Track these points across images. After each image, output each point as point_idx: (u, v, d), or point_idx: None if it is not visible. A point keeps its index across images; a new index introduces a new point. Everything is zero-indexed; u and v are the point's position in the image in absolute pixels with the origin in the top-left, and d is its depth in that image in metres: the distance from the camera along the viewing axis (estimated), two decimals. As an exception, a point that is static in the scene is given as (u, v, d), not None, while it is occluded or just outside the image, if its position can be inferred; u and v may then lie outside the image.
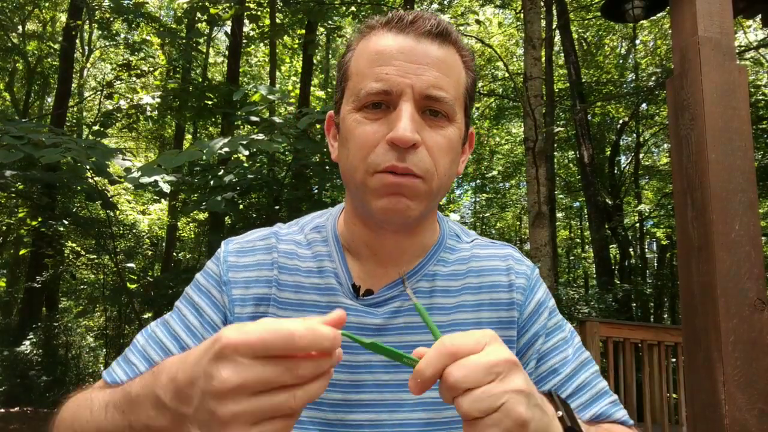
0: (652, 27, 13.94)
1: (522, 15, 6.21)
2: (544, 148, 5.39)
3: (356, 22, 11.20)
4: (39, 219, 8.72)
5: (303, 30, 10.43)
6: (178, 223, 14.07)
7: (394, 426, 0.77)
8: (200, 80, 12.03)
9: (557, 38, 12.96)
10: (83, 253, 11.10)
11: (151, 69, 11.92)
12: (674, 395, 5.09)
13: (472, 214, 20.05)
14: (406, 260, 0.84)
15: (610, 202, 12.69)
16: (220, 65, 16.89)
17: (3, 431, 7.76)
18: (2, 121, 4.92)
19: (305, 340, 0.47)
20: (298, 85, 12.73)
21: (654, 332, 4.81)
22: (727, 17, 2.13)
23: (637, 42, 15.25)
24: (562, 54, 13.01)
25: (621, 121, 14.70)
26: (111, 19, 10.77)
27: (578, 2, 12.95)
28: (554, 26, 11.40)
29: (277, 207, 6.36)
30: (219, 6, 8.24)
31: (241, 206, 6.68)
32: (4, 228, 12.20)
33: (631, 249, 14.93)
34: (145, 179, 4.33)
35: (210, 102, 8.50)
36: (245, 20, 9.77)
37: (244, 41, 11.16)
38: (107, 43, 15.03)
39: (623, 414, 0.83)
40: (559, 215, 17.95)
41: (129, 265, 10.18)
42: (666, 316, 14.98)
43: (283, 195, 6.31)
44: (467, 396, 0.51)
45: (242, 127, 10.16)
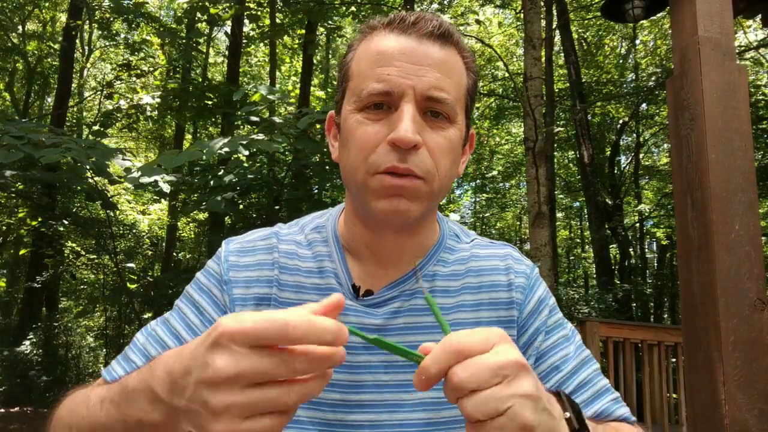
0: (652, 27, 13.94)
1: (522, 15, 6.20)
2: (544, 148, 5.39)
3: (356, 22, 11.20)
4: (39, 219, 8.71)
5: (303, 30, 10.43)
6: (178, 223, 14.07)
7: (394, 426, 0.77)
8: (200, 80, 12.03)
9: (557, 38, 12.95)
10: (83, 253, 11.10)
11: (151, 69, 11.92)
12: (674, 395, 5.09)
13: (472, 214, 20.05)
14: (406, 260, 0.84)
15: (610, 202, 12.68)
16: (220, 65, 16.89)
17: (3, 431, 7.76)
18: (2, 121, 4.92)
19: (299, 331, 0.45)
20: (298, 85, 12.72)
21: (654, 332, 4.81)
22: (727, 17, 2.13)
23: (637, 42, 15.24)
24: (562, 54, 13.00)
25: (621, 121, 14.70)
26: (111, 19, 10.76)
27: (578, 2, 12.95)
28: (554, 26, 11.39)
29: (277, 207, 6.36)
30: (219, 6, 8.24)
31: (241, 206, 6.68)
32: (4, 228, 12.20)
33: (631, 249, 14.93)
34: (145, 179, 4.33)
35: (210, 102, 8.51)
36: (245, 20, 9.77)
37: (244, 41, 11.15)
38: (107, 43, 15.03)
39: (625, 411, 0.82)
40: (559, 215, 17.94)
41: (129, 265, 10.18)
42: (666, 316, 14.98)
43: (283, 195, 6.31)
44: (472, 398, 0.50)
45: (242, 127, 10.15)
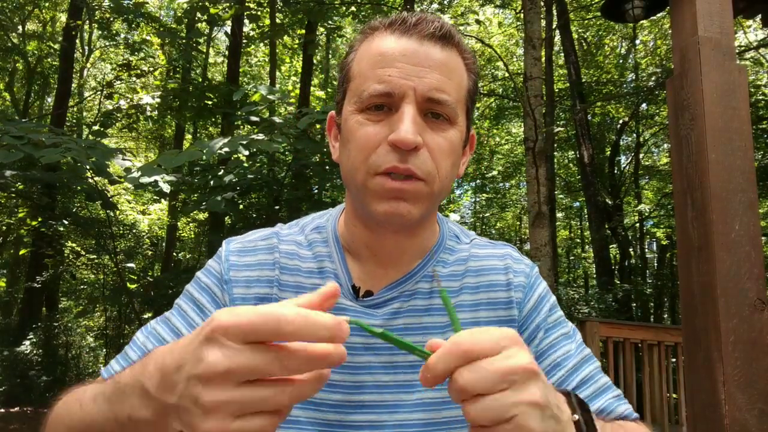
0: (652, 27, 13.93)
1: (522, 15, 6.20)
2: (544, 148, 5.39)
3: (356, 22, 11.21)
4: (39, 219, 8.71)
5: (303, 30, 10.43)
6: (178, 223, 14.06)
7: (394, 427, 0.77)
8: (200, 80, 12.02)
9: (557, 38, 12.95)
10: (83, 253, 11.09)
11: (151, 69, 11.91)
12: (674, 395, 5.09)
13: (472, 214, 20.05)
14: (406, 261, 0.84)
15: (610, 202, 12.68)
16: (220, 65, 16.88)
17: (3, 431, 7.76)
18: (2, 121, 4.92)
19: (292, 326, 0.44)
20: (298, 85, 12.72)
21: (654, 332, 4.82)
22: (727, 17, 2.13)
23: (637, 42, 15.24)
24: (562, 54, 13.00)
25: (621, 121, 14.69)
26: (111, 19, 10.76)
27: (578, 2, 12.94)
28: (554, 26, 11.39)
29: (277, 207, 6.36)
30: (219, 6, 8.24)
31: (241, 206, 6.68)
32: (4, 228, 12.20)
33: (631, 249, 14.92)
34: (145, 179, 4.33)
35: (210, 102, 8.50)
36: (245, 20, 9.77)
37: (244, 41, 11.15)
38: (107, 43, 15.03)
39: (626, 408, 0.82)
40: (559, 215, 17.94)
41: (129, 265, 10.17)
42: (666, 316, 14.98)
43: (283, 195, 6.31)
44: (476, 402, 0.48)
45: (242, 127, 10.15)
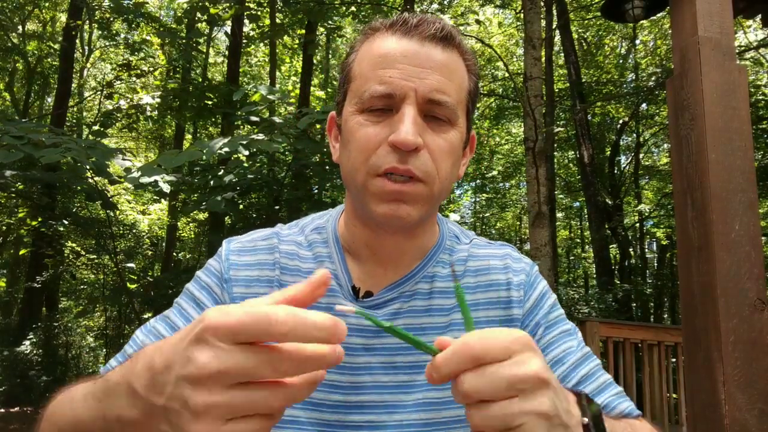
0: (652, 27, 13.93)
1: (522, 15, 6.20)
2: (544, 148, 5.39)
3: (356, 22, 11.20)
4: (39, 219, 8.71)
5: (303, 30, 10.43)
6: (178, 223, 14.06)
7: (394, 427, 0.77)
8: (200, 80, 12.02)
9: (557, 38, 12.95)
10: (83, 253, 11.09)
11: (151, 69, 11.91)
12: (674, 395, 5.09)
13: (472, 214, 20.05)
14: (406, 262, 0.84)
15: (610, 202, 12.68)
16: (220, 65, 16.88)
17: (3, 431, 7.77)
18: (2, 121, 4.92)
19: (284, 327, 0.42)
20: (298, 85, 12.72)
21: (654, 332, 4.81)
22: (727, 17, 2.12)
23: (637, 42, 15.24)
24: (562, 54, 13.00)
25: (621, 121, 14.69)
26: (111, 19, 10.76)
27: (578, 2, 12.94)
28: (554, 26, 11.38)
29: (277, 207, 6.36)
30: (219, 6, 8.24)
31: (241, 206, 6.68)
32: (4, 228, 12.20)
33: (631, 249, 14.92)
34: (145, 179, 4.34)
35: (210, 102, 8.50)
36: (245, 20, 9.77)
37: (244, 41, 11.15)
38: (107, 43, 15.03)
39: (628, 405, 0.80)
40: (559, 215, 17.94)
41: (129, 265, 10.17)
42: (666, 316, 14.97)
43: (283, 195, 6.30)
44: (481, 408, 0.46)
45: (242, 127, 10.15)
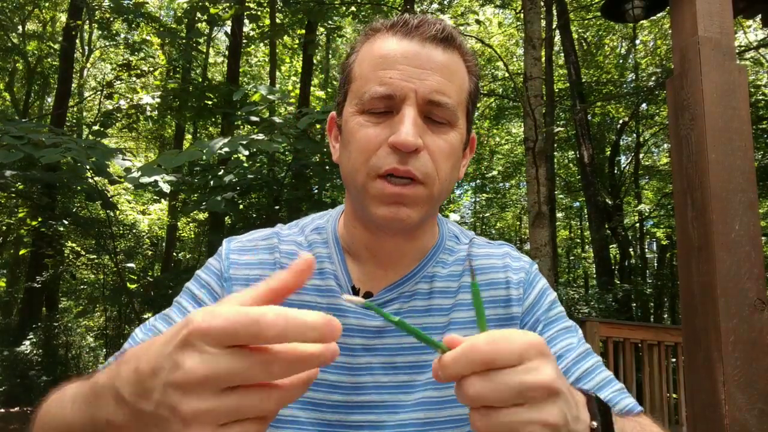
0: (652, 27, 13.93)
1: (522, 15, 6.20)
2: (544, 148, 5.38)
3: (356, 22, 11.20)
4: (39, 219, 8.71)
5: (303, 30, 10.43)
6: (178, 223, 14.07)
7: (394, 427, 0.77)
8: (200, 80, 12.02)
9: (557, 38, 12.94)
10: (83, 253, 11.09)
11: (151, 69, 11.91)
12: (674, 395, 5.09)
13: (472, 214, 20.05)
14: (406, 263, 0.84)
15: (610, 202, 12.68)
16: (220, 65, 16.88)
17: (3, 431, 7.76)
18: (2, 121, 4.92)
19: (274, 329, 0.40)
20: (298, 85, 12.71)
21: (654, 332, 4.81)
22: (727, 17, 2.12)
23: (637, 42, 15.23)
24: (562, 54, 13.00)
25: (621, 121, 14.69)
26: (111, 19, 10.75)
27: (578, 2, 12.94)
28: (554, 26, 11.38)
29: (277, 207, 6.36)
30: (219, 6, 8.24)
31: (241, 206, 6.68)
32: (4, 228, 12.20)
33: (631, 249, 14.92)
34: (145, 179, 4.34)
35: (210, 102, 8.50)
36: (245, 20, 9.76)
37: (244, 41, 11.15)
38: (107, 43, 15.02)
39: (630, 402, 0.80)
40: (559, 215, 17.93)
41: (129, 265, 10.17)
42: (666, 316, 14.97)
43: (283, 195, 6.30)
44: (486, 414, 0.45)
45: (242, 127, 10.15)
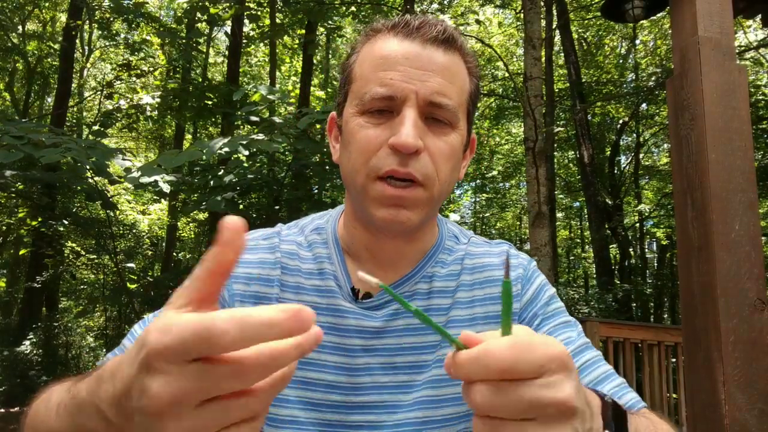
0: (652, 27, 13.92)
1: (522, 15, 6.20)
2: (544, 148, 5.38)
3: (356, 22, 11.20)
4: (39, 219, 8.71)
5: (303, 30, 10.42)
6: (178, 223, 14.06)
7: (393, 426, 0.77)
8: (200, 80, 12.02)
9: (557, 38, 12.94)
10: (83, 253, 11.09)
11: (151, 69, 11.91)
12: (674, 395, 5.09)
13: (472, 214, 20.05)
14: (406, 264, 0.84)
15: (610, 202, 12.68)
16: (220, 65, 16.88)
17: (3, 431, 7.76)
18: (2, 121, 4.92)
19: (229, 336, 0.35)
20: (298, 85, 12.71)
21: (654, 332, 4.81)
22: (727, 17, 2.12)
23: (637, 42, 15.23)
24: (562, 54, 12.99)
25: (621, 121, 14.69)
26: (111, 19, 10.75)
27: (578, 2, 12.94)
28: (554, 26, 11.38)
29: (277, 207, 6.36)
30: (219, 6, 8.24)
31: (241, 206, 6.67)
32: (4, 228, 12.20)
33: (631, 249, 14.92)
34: (145, 179, 4.34)
35: (210, 102, 8.50)
36: (245, 20, 9.76)
37: (244, 41, 11.14)
38: (107, 43, 15.02)
39: (632, 397, 0.78)
40: (559, 215, 17.93)
41: (129, 265, 10.18)
42: (666, 316, 14.96)
43: (283, 195, 6.30)
44: (489, 425, 0.43)
45: (242, 127, 10.14)
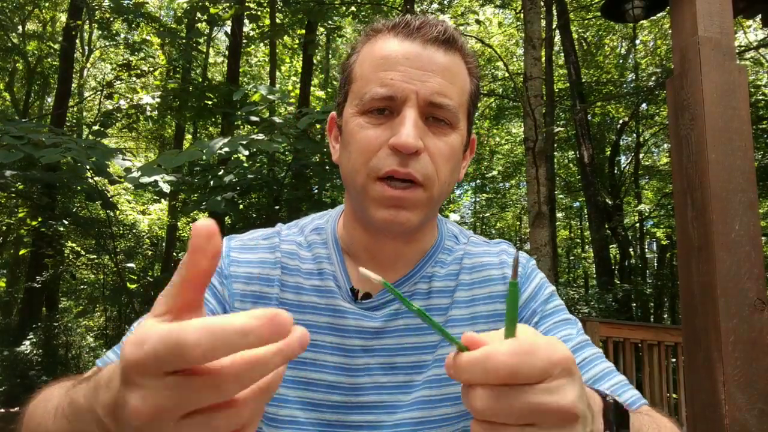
0: (652, 27, 13.92)
1: (522, 15, 6.20)
2: (544, 148, 5.38)
3: (356, 22, 11.20)
4: (39, 219, 8.71)
5: (303, 30, 10.42)
6: (178, 223, 14.05)
7: (392, 426, 0.77)
8: (200, 80, 12.01)
9: (557, 38, 12.94)
10: (83, 253, 11.09)
11: (151, 69, 11.90)
12: (674, 395, 5.08)
13: (472, 214, 20.05)
14: (405, 264, 0.84)
15: (610, 202, 12.67)
16: (220, 65, 16.87)
17: (3, 431, 7.76)
18: (2, 121, 4.92)
19: (200, 348, 0.33)
20: (298, 85, 12.71)
21: (654, 332, 4.81)
22: (727, 17, 2.12)
23: (637, 42, 15.23)
24: (562, 54, 12.99)
25: (621, 121, 14.69)
26: (111, 19, 10.75)
27: (578, 2, 12.94)
28: (554, 26, 11.38)
29: (277, 207, 6.35)
30: (219, 6, 8.24)
31: (241, 206, 6.68)
32: (4, 228, 12.19)
33: (631, 249, 14.91)
34: (145, 179, 4.33)
35: (210, 102, 8.50)
36: (245, 20, 9.76)
37: (244, 41, 11.14)
38: (107, 43, 15.02)
39: (633, 395, 0.78)
40: (559, 215, 17.93)
41: (129, 265, 10.18)
42: (666, 316, 14.96)
43: (283, 195, 6.30)
44: (488, 429, 0.42)
45: (242, 127, 10.14)
